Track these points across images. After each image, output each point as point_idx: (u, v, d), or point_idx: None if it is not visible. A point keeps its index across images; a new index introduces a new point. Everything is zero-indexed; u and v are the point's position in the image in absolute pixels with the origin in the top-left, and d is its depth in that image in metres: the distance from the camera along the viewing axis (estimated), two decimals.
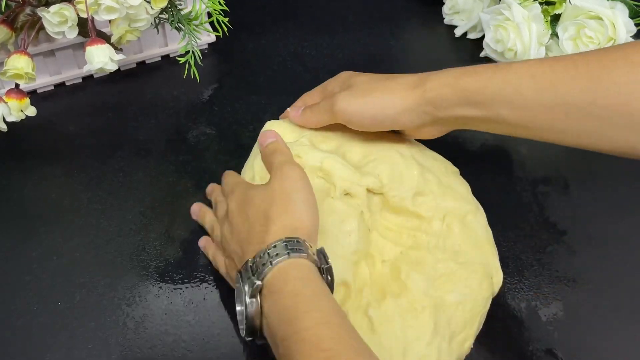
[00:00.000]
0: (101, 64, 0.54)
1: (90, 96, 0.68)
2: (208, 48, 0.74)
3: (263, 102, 0.68)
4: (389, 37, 0.78)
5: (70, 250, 0.55)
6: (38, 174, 0.60)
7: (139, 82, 0.70)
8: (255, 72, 0.72)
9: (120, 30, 0.57)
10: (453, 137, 0.62)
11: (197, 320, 0.51)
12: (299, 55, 0.75)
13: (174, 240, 0.56)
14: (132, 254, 0.55)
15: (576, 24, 0.66)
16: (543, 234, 0.58)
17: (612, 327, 0.52)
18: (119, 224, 0.57)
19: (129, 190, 0.59)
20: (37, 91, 0.68)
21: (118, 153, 0.63)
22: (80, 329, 0.50)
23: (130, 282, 0.53)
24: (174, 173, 0.61)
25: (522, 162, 0.64)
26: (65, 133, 0.64)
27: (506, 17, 0.70)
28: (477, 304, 0.49)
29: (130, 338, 0.49)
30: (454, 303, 0.48)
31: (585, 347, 0.50)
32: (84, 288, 0.52)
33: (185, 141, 0.64)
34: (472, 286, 0.49)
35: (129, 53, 0.69)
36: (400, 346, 0.46)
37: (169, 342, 0.49)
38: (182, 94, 0.69)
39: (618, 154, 0.47)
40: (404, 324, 0.47)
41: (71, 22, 0.54)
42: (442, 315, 0.48)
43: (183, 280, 0.53)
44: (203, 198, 0.58)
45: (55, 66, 0.67)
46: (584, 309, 0.53)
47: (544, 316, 0.52)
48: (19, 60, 0.54)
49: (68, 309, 0.51)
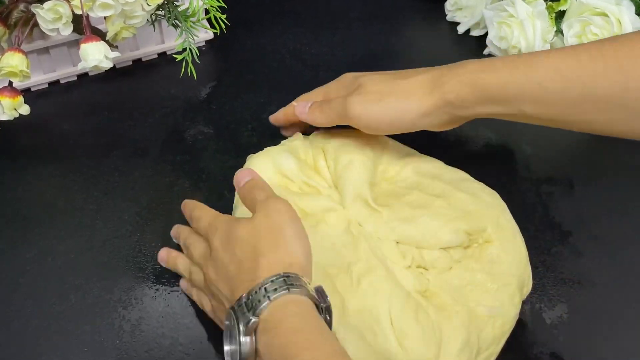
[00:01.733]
0: (96, 62, 0.54)
1: (86, 94, 0.68)
2: (206, 45, 0.74)
3: (262, 101, 0.68)
4: (391, 34, 0.78)
5: (65, 252, 0.55)
6: (32, 174, 0.60)
7: (135, 80, 0.70)
8: (253, 70, 0.72)
9: (115, 27, 0.57)
10: (455, 137, 0.62)
11: (194, 323, 0.51)
12: (299, 53, 0.75)
13: (171, 241, 0.56)
14: (128, 255, 0.55)
15: (581, 21, 0.66)
16: (547, 234, 0.58)
17: (618, 331, 0.52)
18: (115, 224, 0.57)
19: (125, 191, 0.59)
20: (31, 89, 0.68)
21: (114, 152, 0.63)
22: (76, 332, 0.50)
23: (127, 284, 0.53)
24: (171, 173, 0.61)
25: (526, 161, 0.64)
26: (59, 132, 0.64)
27: (510, 14, 0.70)
28: (507, 320, 0.48)
29: (126, 341, 0.49)
30: (484, 317, 0.47)
31: (591, 351, 0.50)
32: (79, 290, 0.52)
33: (183, 140, 0.64)
34: (503, 300, 0.48)
35: (125, 50, 0.69)
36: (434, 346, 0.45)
37: (166, 346, 0.49)
38: (179, 93, 0.69)
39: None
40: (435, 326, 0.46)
41: (66, 19, 0.54)
42: (473, 327, 0.47)
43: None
44: (200, 198, 0.58)
45: (50, 64, 0.67)
46: (590, 311, 0.53)
47: (548, 319, 0.52)
48: (13, 58, 0.54)
49: (63, 312, 0.51)
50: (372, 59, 0.74)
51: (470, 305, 0.48)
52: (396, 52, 0.76)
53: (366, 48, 0.76)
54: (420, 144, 0.59)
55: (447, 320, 0.46)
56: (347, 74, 0.57)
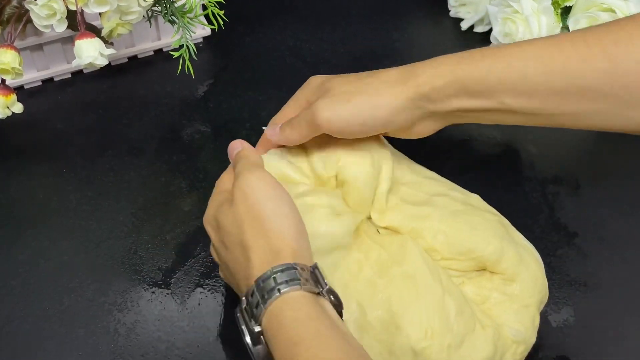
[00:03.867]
0: (91, 59, 0.54)
1: (80, 92, 0.68)
2: (203, 42, 0.74)
3: (260, 99, 0.68)
4: (392, 30, 0.78)
5: (59, 254, 0.55)
6: (25, 174, 0.60)
7: (131, 77, 0.70)
8: (252, 67, 0.72)
9: (111, 24, 0.57)
10: (460, 136, 0.62)
11: (191, 326, 0.51)
12: (298, 50, 0.75)
13: (168, 242, 0.56)
14: (124, 257, 0.55)
15: (588, 17, 0.66)
16: (553, 236, 0.58)
17: (625, 333, 0.52)
18: (110, 226, 0.57)
19: (120, 191, 0.59)
20: (24, 87, 0.68)
21: (109, 152, 0.63)
22: (70, 336, 0.50)
23: (122, 286, 0.53)
24: (167, 173, 0.61)
25: (531, 161, 0.64)
26: (53, 131, 0.64)
27: (515, 10, 0.70)
28: (528, 347, 0.48)
29: (121, 345, 0.49)
30: (510, 340, 0.47)
31: (597, 354, 0.50)
32: (73, 293, 0.52)
33: (179, 139, 0.64)
34: (526, 324, 0.47)
35: (120, 47, 0.69)
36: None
37: (162, 349, 0.49)
38: (176, 90, 0.69)
39: (633, 132, 0.45)
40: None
41: (60, 15, 0.54)
42: (500, 346, 0.46)
43: (177, 284, 0.53)
44: (197, 199, 0.58)
45: (43, 61, 0.67)
46: (596, 314, 0.53)
47: (554, 322, 0.52)
48: (5, 55, 0.54)
49: (56, 315, 0.51)
50: (373, 55, 0.74)
51: (498, 321, 0.47)
52: (398, 49, 0.76)
53: (367, 45, 0.76)
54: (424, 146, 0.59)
55: (480, 328, 0.46)
56: (314, 77, 0.53)
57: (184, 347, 0.50)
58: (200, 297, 0.53)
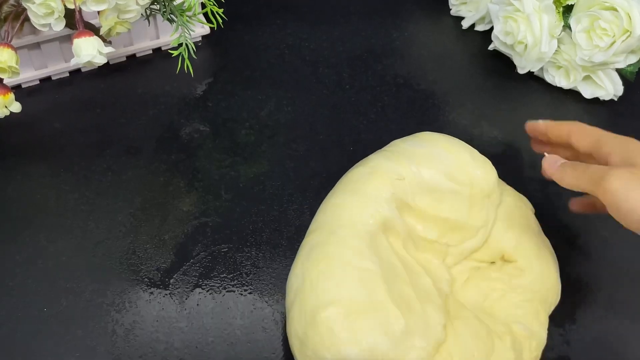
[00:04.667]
0: (89, 57, 0.54)
1: (78, 91, 0.68)
2: (202, 40, 0.75)
3: (260, 98, 0.68)
4: (392, 28, 0.78)
5: (56, 254, 0.55)
6: (22, 174, 0.60)
7: (129, 76, 0.70)
8: (251, 65, 0.72)
9: (109, 22, 0.57)
10: (459, 136, 0.62)
11: (190, 327, 0.51)
12: (298, 48, 0.75)
13: (166, 243, 0.56)
14: (122, 257, 0.55)
15: (590, 16, 0.66)
16: (555, 237, 0.58)
17: (628, 336, 0.52)
18: (108, 226, 0.57)
19: (118, 191, 0.59)
20: (22, 86, 0.68)
21: (107, 151, 0.63)
22: (67, 337, 0.50)
23: (120, 287, 0.53)
24: (166, 172, 0.61)
25: (532, 161, 0.64)
26: (51, 130, 0.64)
27: (516, 8, 0.70)
28: (539, 342, 0.48)
29: (119, 346, 0.50)
30: (521, 335, 0.47)
31: (599, 356, 0.50)
32: (70, 293, 0.52)
33: (178, 139, 0.64)
34: (528, 317, 0.48)
35: (119, 46, 0.70)
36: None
37: (161, 350, 0.49)
38: (175, 89, 0.69)
39: None
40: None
41: (58, 14, 0.54)
42: (517, 347, 0.46)
43: (175, 285, 0.53)
44: (196, 199, 0.58)
45: (41, 60, 0.67)
46: (598, 316, 0.53)
47: (555, 325, 0.52)
48: (2, 54, 0.54)
49: (54, 316, 0.51)
50: (372, 54, 0.74)
51: (505, 320, 0.48)
52: (398, 48, 0.76)
53: (367, 43, 0.76)
54: None
55: (499, 341, 0.46)
56: (634, 140, 0.46)
57: (182, 348, 0.50)
58: (199, 298, 0.53)
